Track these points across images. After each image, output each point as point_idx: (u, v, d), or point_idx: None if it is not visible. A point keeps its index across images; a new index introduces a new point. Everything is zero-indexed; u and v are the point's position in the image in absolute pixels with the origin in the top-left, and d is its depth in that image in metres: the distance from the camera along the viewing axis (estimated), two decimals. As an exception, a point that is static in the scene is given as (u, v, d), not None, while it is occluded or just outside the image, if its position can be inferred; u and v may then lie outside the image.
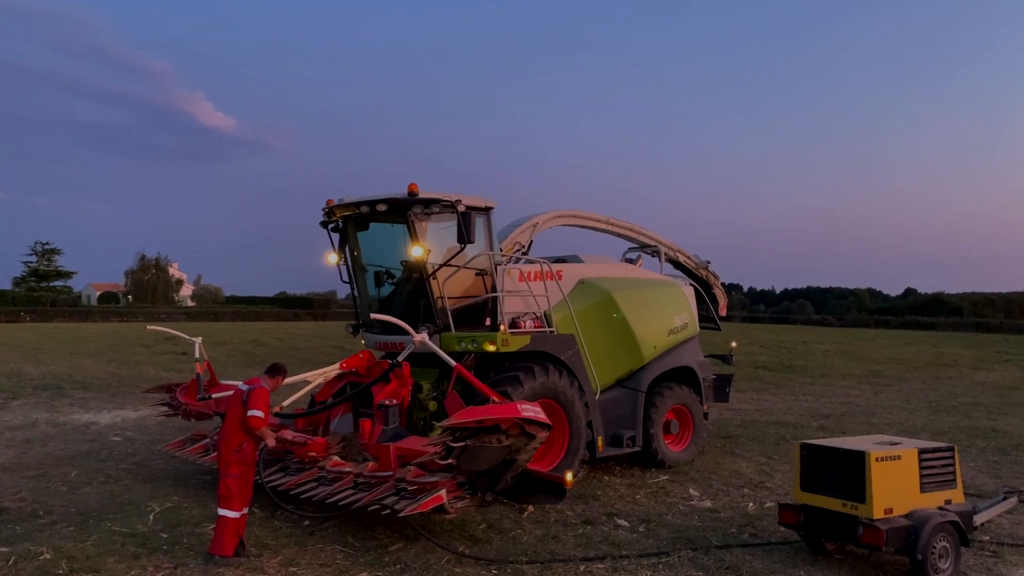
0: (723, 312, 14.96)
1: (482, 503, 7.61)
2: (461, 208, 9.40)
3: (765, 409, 18.98)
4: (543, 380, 9.74)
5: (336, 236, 10.67)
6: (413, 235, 9.59)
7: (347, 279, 10.81)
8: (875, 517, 6.73)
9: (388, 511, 7.10)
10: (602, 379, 11.00)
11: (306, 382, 10.12)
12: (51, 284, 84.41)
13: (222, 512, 7.21)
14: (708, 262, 14.36)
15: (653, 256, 13.48)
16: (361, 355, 10.17)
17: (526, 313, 10.41)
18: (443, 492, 7.07)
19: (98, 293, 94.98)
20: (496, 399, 7.87)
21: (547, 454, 10.05)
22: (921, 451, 7.15)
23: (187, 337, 11.27)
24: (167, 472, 10.84)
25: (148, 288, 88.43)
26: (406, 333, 9.74)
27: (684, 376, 12.14)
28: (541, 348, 10.06)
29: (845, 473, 7.00)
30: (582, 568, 7.17)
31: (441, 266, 9.64)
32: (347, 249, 10.60)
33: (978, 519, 7.83)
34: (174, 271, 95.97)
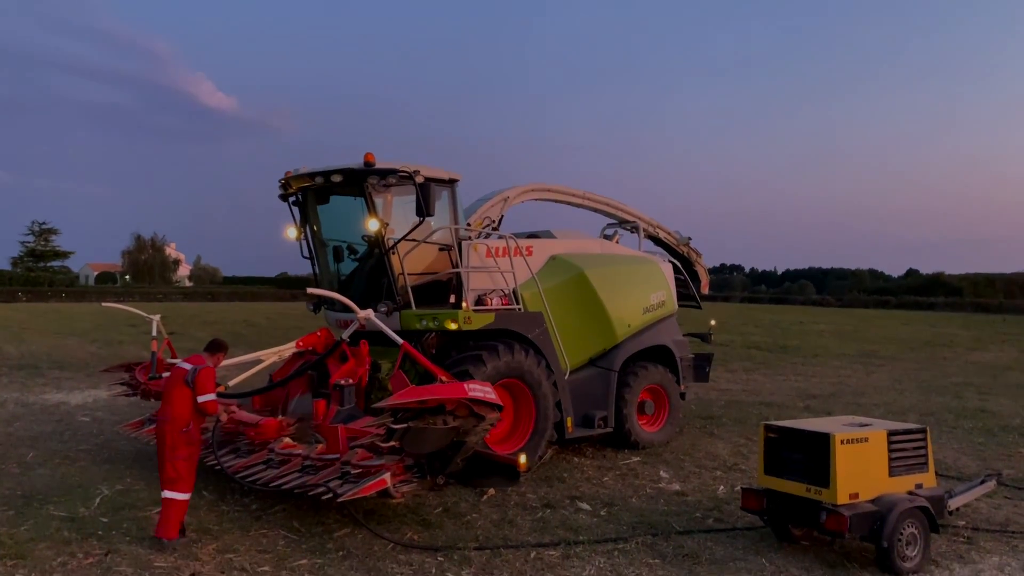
0: (705, 290, 14.58)
1: (433, 486, 7.28)
2: (420, 179, 9.01)
3: (753, 389, 18.63)
4: (508, 359, 9.38)
5: (297, 210, 10.29)
6: (371, 208, 9.20)
7: (307, 255, 10.43)
8: (839, 503, 6.38)
9: (329, 495, 6.76)
10: (573, 358, 10.64)
11: (259, 360, 9.77)
12: (48, 264, 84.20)
13: (169, 495, 6.89)
14: (689, 238, 13.96)
15: (632, 232, 13.08)
16: (319, 333, 9.82)
17: (493, 290, 10.04)
18: (387, 476, 6.72)
19: (95, 273, 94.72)
20: (445, 378, 7.51)
21: (513, 435, 9.74)
22: (890, 433, 6.78)
23: (145, 315, 10.91)
24: (127, 454, 10.52)
25: (145, 268, 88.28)
26: (385, 309, 9.42)
27: (660, 355, 11.78)
28: (506, 326, 9.70)
29: (809, 456, 6.65)
30: (532, 555, 6.83)
31: (399, 241, 9.25)
32: (308, 224, 10.21)
33: (954, 503, 7.48)
34: (171, 251, 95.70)
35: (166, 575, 6.28)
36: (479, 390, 6.81)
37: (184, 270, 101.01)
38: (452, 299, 9.40)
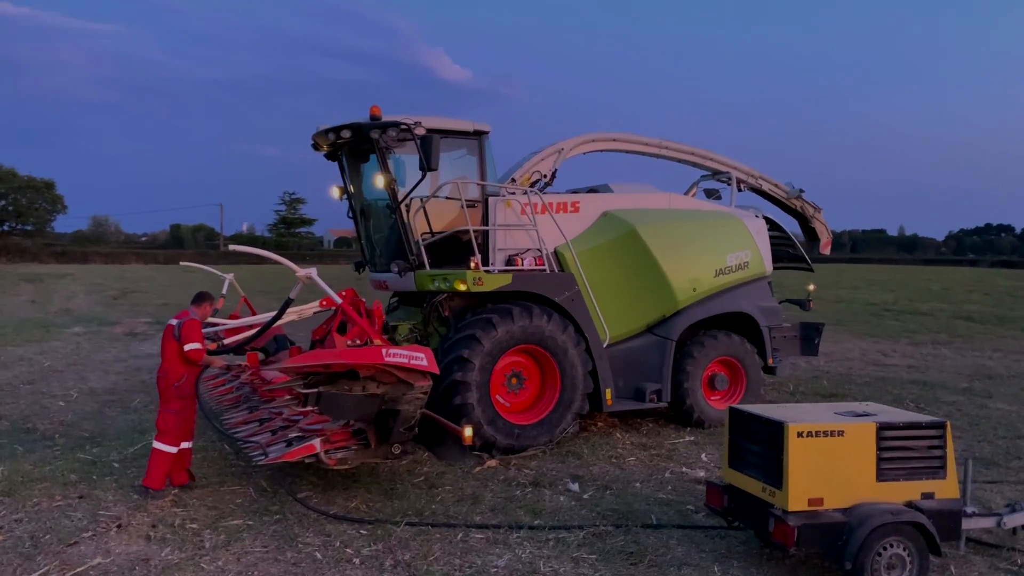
0: (826, 250, 12.69)
1: (387, 455, 6.89)
2: (420, 131, 8.54)
3: (923, 365, 16.13)
4: (524, 324, 8.72)
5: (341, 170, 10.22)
6: (381, 164, 8.89)
7: (351, 215, 10.36)
8: (790, 509, 5.16)
9: (263, 457, 6.63)
10: (622, 325, 9.71)
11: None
12: (296, 230, 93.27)
13: (157, 446, 7.17)
14: (802, 191, 12.16)
15: (728, 184, 11.65)
16: (344, 293, 9.73)
17: (527, 250, 9.37)
18: (317, 442, 6.47)
19: (335, 238, 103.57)
20: (378, 342, 7.06)
21: (537, 404, 9.13)
22: (881, 427, 5.36)
23: (219, 274, 11.46)
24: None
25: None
26: (398, 269, 9.19)
27: (741, 324, 10.43)
28: (527, 288, 9.00)
29: (766, 449, 5.45)
30: (459, 536, 6.27)
31: (404, 198, 8.86)
32: (346, 182, 10.11)
33: (1011, 521, 5.85)
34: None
35: (106, 522, 6.50)
36: (403, 356, 6.29)
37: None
38: (473, 260, 8.80)
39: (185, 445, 7.27)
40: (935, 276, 53.07)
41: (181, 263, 13.36)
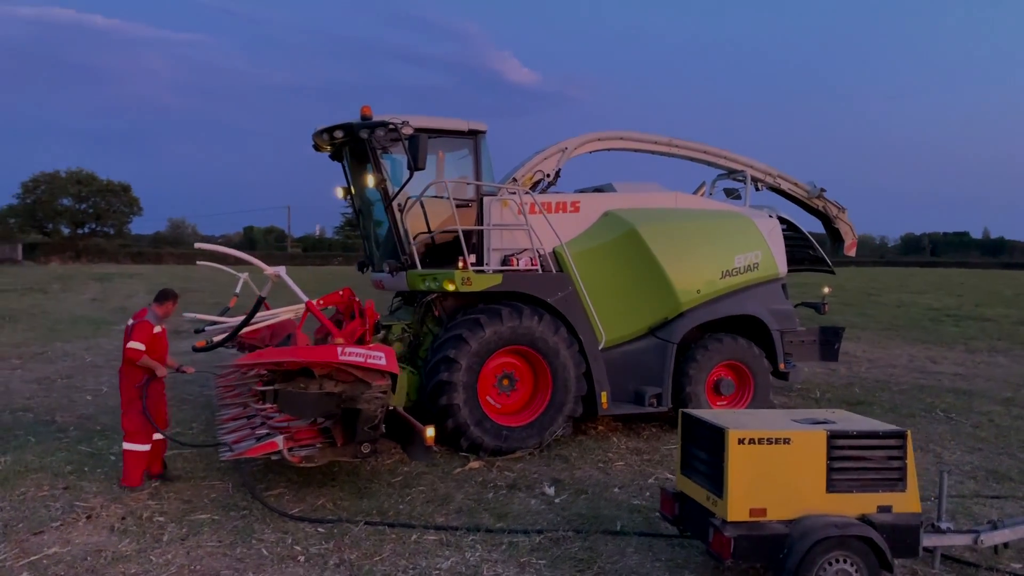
0: (851, 251, 12.17)
1: (356, 454, 6.89)
2: (407, 131, 8.54)
3: (972, 373, 15.36)
4: (513, 324, 8.63)
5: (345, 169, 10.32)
6: (373, 163, 8.94)
7: (354, 215, 10.45)
8: (729, 519, 4.94)
9: (228, 453, 6.72)
10: (621, 327, 9.52)
11: (274, 316, 9.95)
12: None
13: (128, 447, 7.32)
14: (823, 190, 11.70)
15: (742, 183, 11.30)
16: (341, 292, 9.78)
17: (524, 250, 9.28)
18: (279, 439, 6.52)
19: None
20: (336, 339, 7.06)
21: (529, 406, 9.02)
22: (833, 435, 5.08)
23: (234, 272, 11.68)
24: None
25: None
26: (389, 269, 9.25)
27: (748, 327, 10.10)
28: (517, 289, 8.91)
29: (711, 456, 5.23)
30: (413, 537, 6.22)
31: (394, 196, 8.88)
32: (349, 182, 10.21)
33: (989, 539, 5.49)
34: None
35: (78, 513, 6.67)
36: (359, 355, 6.29)
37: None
38: (461, 260, 8.76)
39: (157, 437, 7.38)
40: (1012, 280, 50.60)
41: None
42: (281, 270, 7.07)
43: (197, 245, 7.27)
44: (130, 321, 7.50)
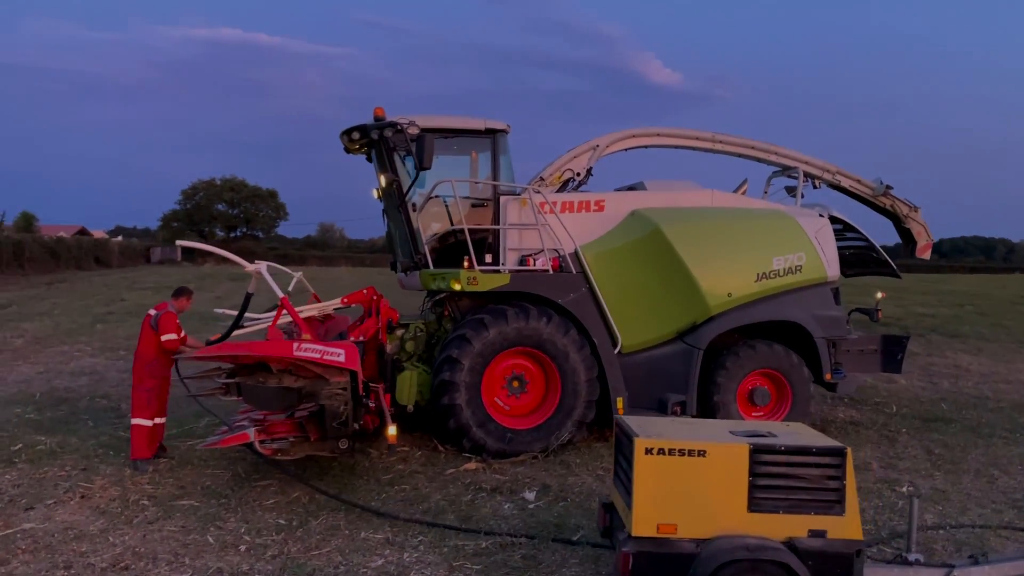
0: (924, 254, 11.06)
1: (333, 450, 6.98)
2: (413, 131, 8.58)
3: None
4: (519, 325, 8.48)
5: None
6: (387, 163, 9.05)
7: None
8: (635, 534, 4.61)
9: (204, 442, 6.98)
10: (646, 331, 9.14)
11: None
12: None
13: (135, 421, 7.87)
14: (889, 187, 10.72)
15: (796, 180, 10.57)
16: (365, 291, 9.89)
17: (542, 251, 9.09)
18: (251, 431, 6.71)
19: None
20: (307, 336, 7.12)
21: (539, 409, 8.82)
22: (756, 450, 4.62)
23: (246, 266, 12.04)
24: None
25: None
26: (402, 268, 9.34)
27: (792, 333, 9.42)
28: (526, 289, 8.73)
29: (629, 465, 4.90)
30: (362, 534, 6.21)
31: (403, 195, 8.92)
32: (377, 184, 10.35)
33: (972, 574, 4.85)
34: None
35: (74, 492, 7.12)
36: (315, 351, 6.35)
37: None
38: (466, 260, 8.71)
39: (159, 420, 7.84)
40: None
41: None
42: (262, 267, 7.26)
43: (178, 243, 7.62)
44: (152, 312, 8.01)
